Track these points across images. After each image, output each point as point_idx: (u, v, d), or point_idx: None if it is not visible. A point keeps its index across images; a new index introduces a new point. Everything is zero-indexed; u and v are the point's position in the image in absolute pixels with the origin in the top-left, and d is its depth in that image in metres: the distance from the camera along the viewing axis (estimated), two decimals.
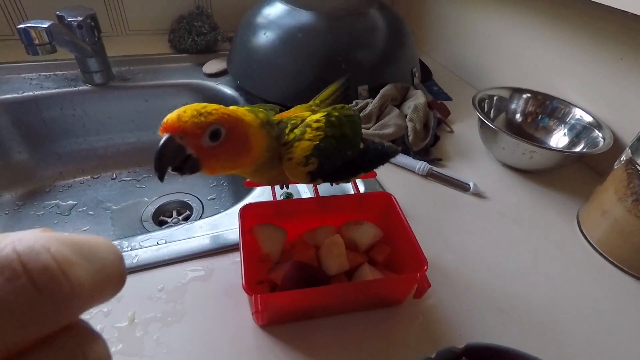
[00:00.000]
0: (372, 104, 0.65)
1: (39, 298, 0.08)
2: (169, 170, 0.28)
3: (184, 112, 0.27)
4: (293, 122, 0.35)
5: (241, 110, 0.32)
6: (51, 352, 0.09)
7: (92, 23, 0.67)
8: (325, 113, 0.37)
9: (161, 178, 0.27)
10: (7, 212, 0.70)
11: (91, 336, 0.11)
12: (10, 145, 0.73)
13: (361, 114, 0.65)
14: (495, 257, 0.49)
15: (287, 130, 0.35)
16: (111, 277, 0.11)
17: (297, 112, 0.39)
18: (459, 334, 0.39)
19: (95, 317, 0.37)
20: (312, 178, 0.34)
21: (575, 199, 0.59)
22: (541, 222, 0.55)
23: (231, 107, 0.31)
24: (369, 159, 0.38)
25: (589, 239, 0.52)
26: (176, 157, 0.27)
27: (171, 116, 0.27)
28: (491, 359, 0.30)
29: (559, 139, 0.66)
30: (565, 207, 0.58)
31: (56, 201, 0.73)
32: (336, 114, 0.37)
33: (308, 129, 0.34)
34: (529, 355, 0.29)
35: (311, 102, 0.46)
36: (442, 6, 0.96)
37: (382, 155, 0.39)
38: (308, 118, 0.36)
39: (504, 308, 0.42)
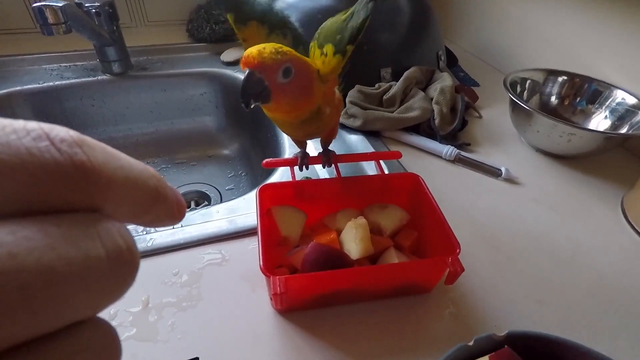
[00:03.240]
0: (396, 86, 0.62)
1: (61, 159, 0.09)
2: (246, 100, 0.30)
3: (264, 48, 0.29)
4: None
5: (306, 58, 0.33)
6: (65, 218, 0.09)
7: (110, 10, 0.67)
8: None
9: (247, 107, 0.30)
10: None
11: (111, 220, 0.10)
12: None
13: (384, 97, 0.62)
14: (532, 245, 0.45)
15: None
16: (138, 179, 0.11)
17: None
18: (494, 325, 0.36)
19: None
20: (342, 72, 0.36)
21: (619, 185, 0.55)
22: (581, 210, 0.51)
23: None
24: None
25: (636, 227, 0.48)
26: (257, 88, 0.30)
27: (252, 51, 0.29)
28: (536, 349, 0.26)
29: (598, 122, 0.61)
30: (607, 195, 0.53)
31: None
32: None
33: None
34: (579, 345, 0.26)
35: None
36: None
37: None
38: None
39: (543, 299, 0.39)
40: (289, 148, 0.59)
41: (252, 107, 0.30)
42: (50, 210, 0.09)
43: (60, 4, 0.53)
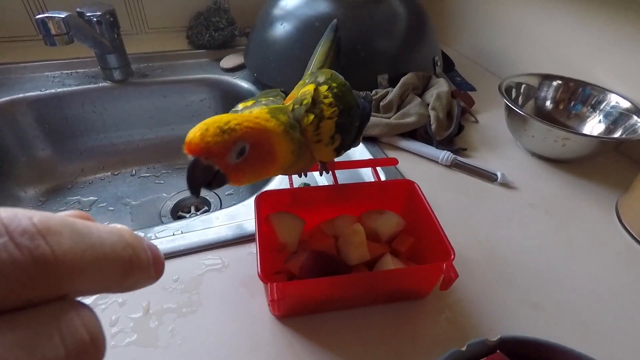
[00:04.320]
0: (393, 92, 0.62)
1: (19, 257, 0.08)
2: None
3: (207, 130, 0.26)
4: (305, 102, 0.34)
5: (263, 116, 0.30)
6: (20, 319, 0.09)
7: (111, 19, 0.68)
8: (327, 87, 0.35)
9: (196, 195, 0.28)
10: (30, 208, 0.71)
11: (76, 308, 0.10)
12: (34, 142, 0.75)
13: (381, 103, 0.62)
14: (527, 249, 0.45)
15: (304, 115, 0.33)
16: (109, 256, 0.10)
17: (299, 90, 0.37)
18: (489, 329, 0.36)
19: (109, 307, 0.36)
20: (337, 153, 0.35)
21: (613, 189, 0.55)
22: (576, 213, 0.51)
23: (253, 113, 0.30)
24: (365, 114, 0.40)
25: (630, 231, 0.48)
26: (205, 176, 0.27)
27: (194, 136, 0.26)
28: (528, 354, 0.27)
29: (593, 126, 0.62)
30: (602, 198, 0.54)
31: (77, 197, 0.74)
32: (335, 84, 0.36)
33: (323, 106, 0.34)
34: (571, 350, 0.26)
35: (305, 76, 0.42)
36: None
37: (369, 102, 0.41)
38: (314, 92, 0.35)
39: (538, 303, 0.39)
40: None
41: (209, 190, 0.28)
42: (7, 309, 0.09)
43: (62, 15, 0.54)
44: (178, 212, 0.74)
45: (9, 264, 0.08)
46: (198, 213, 0.74)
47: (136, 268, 0.12)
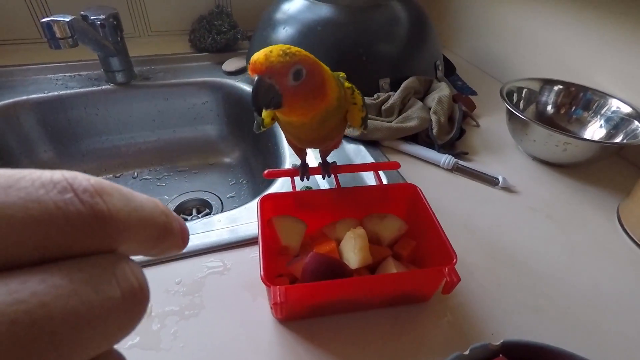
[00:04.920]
0: (395, 96, 0.63)
1: (83, 210, 0.10)
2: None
3: (270, 52, 0.28)
4: (342, 75, 0.38)
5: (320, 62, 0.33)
6: (86, 263, 0.10)
7: (115, 22, 0.68)
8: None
9: (259, 113, 0.31)
10: None
11: (126, 260, 0.11)
12: (36, 144, 0.75)
13: (383, 107, 0.63)
14: (529, 253, 0.45)
15: (346, 82, 0.37)
16: (149, 220, 0.12)
17: None
18: (491, 333, 0.37)
19: None
20: (362, 122, 0.38)
21: (614, 194, 0.55)
22: (577, 217, 0.51)
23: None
24: None
25: (632, 235, 0.48)
26: (268, 94, 0.29)
27: (259, 57, 0.28)
28: (531, 358, 0.27)
29: (594, 131, 0.62)
30: (603, 203, 0.54)
31: None
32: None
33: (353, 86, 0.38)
34: (573, 354, 0.26)
35: None
36: (465, 0, 0.93)
37: None
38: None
39: (540, 307, 0.39)
40: (289, 157, 0.60)
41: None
42: (73, 255, 0.10)
43: (67, 19, 0.54)
44: (180, 215, 0.74)
45: (76, 215, 0.10)
46: (200, 215, 0.74)
47: (169, 234, 0.13)
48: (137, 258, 0.15)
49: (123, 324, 0.10)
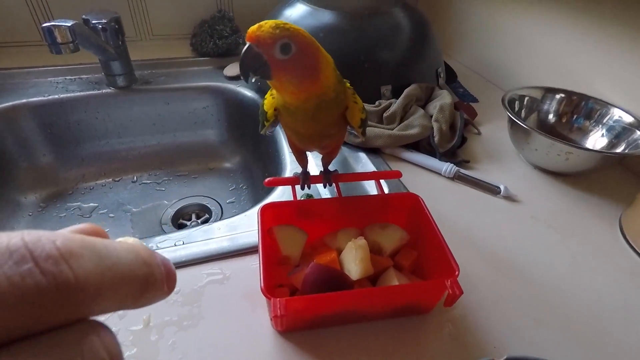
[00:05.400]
0: (396, 103, 0.62)
1: (44, 282, 0.09)
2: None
3: (265, 23, 0.29)
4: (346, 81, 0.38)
5: (321, 48, 0.33)
6: (44, 343, 0.09)
7: (117, 26, 0.68)
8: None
9: (245, 79, 0.31)
10: (30, 214, 0.70)
11: (97, 331, 0.10)
12: (36, 147, 0.75)
13: (384, 114, 0.63)
14: (531, 264, 0.45)
15: (347, 82, 0.38)
16: (128, 276, 0.11)
17: None
18: (493, 347, 0.36)
19: (109, 319, 0.36)
20: (361, 124, 0.38)
21: (616, 203, 0.55)
22: (579, 227, 0.51)
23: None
24: None
25: (634, 246, 0.48)
26: (253, 62, 0.30)
27: (253, 27, 0.30)
28: None
29: (596, 140, 0.62)
30: (605, 212, 0.54)
31: (78, 203, 0.74)
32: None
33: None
34: None
35: None
36: (467, 7, 0.93)
37: None
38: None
39: (542, 319, 0.39)
40: (290, 164, 0.60)
41: (254, 80, 0.31)
42: (32, 333, 0.09)
43: (69, 24, 0.54)
44: (179, 220, 0.74)
45: (35, 290, 0.09)
46: (199, 221, 0.73)
47: (151, 286, 0.12)
48: None
49: None
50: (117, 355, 0.11)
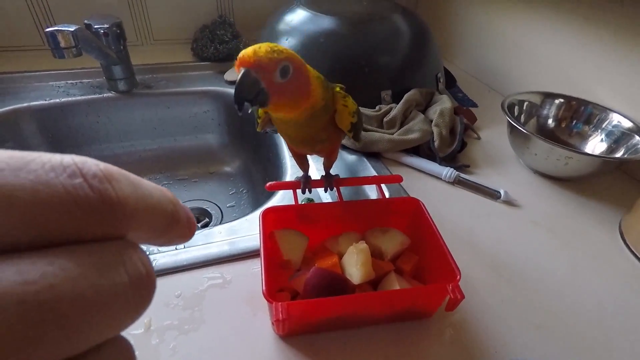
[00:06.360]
0: (396, 108, 0.63)
1: (92, 195, 0.10)
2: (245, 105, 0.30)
3: (259, 48, 0.29)
4: (338, 85, 0.38)
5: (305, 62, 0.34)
6: (94, 248, 0.10)
7: (118, 31, 0.69)
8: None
9: (240, 109, 0.29)
10: None
11: (134, 247, 0.11)
12: (36, 151, 0.74)
13: (385, 119, 0.63)
14: (531, 269, 0.45)
15: (337, 86, 0.38)
16: (157, 207, 0.12)
17: None
18: (494, 351, 0.36)
19: None
20: (351, 128, 0.38)
21: (616, 208, 0.55)
22: (579, 232, 0.51)
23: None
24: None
25: (634, 250, 0.48)
26: (252, 89, 0.29)
27: (247, 51, 0.29)
28: None
29: (595, 145, 0.62)
30: (605, 217, 0.54)
31: None
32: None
33: (348, 96, 0.38)
34: None
35: None
36: (466, 12, 0.94)
37: None
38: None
39: (543, 324, 0.39)
40: (290, 168, 0.60)
41: (249, 111, 0.30)
42: (82, 240, 0.10)
43: (72, 29, 0.55)
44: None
45: (85, 200, 0.10)
46: (199, 225, 0.73)
47: (176, 222, 0.13)
48: None
49: (130, 310, 0.10)
50: (151, 269, 0.11)
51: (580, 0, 0.66)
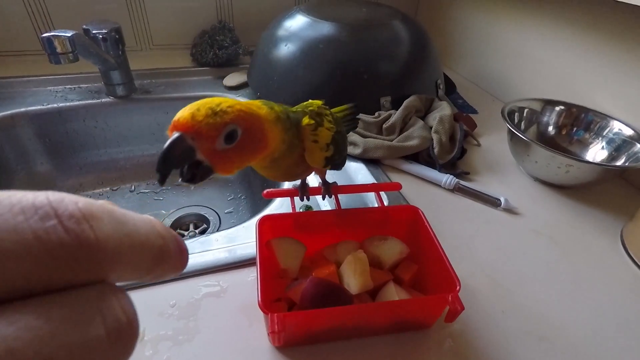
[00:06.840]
0: (396, 115, 0.62)
1: (67, 239, 0.09)
2: (179, 181, 0.26)
3: (198, 110, 0.24)
4: (310, 108, 0.36)
5: (256, 104, 0.29)
6: (67, 299, 0.09)
7: (117, 36, 0.68)
8: (328, 111, 0.38)
9: (162, 181, 0.24)
10: None
11: (114, 292, 0.10)
12: (33, 156, 0.74)
13: (384, 126, 0.62)
14: (532, 278, 0.45)
15: (304, 115, 0.34)
16: (144, 245, 0.11)
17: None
18: None
19: None
20: (326, 163, 0.35)
21: (618, 216, 0.55)
22: (580, 241, 0.51)
23: (245, 102, 0.29)
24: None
25: (636, 260, 0.47)
26: (183, 159, 0.24)
27: (183, 114, 0.24)
28: None
29: (596, 152, 0.62)
30: (606, 226, 0.53)
31: None
32: (328, 112, 0.38)
33: (325, 118, 0.35)
34: None
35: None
36: (466, 19, 0.94)
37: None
38: (321, 107, 0.37)
39: (545, 336, 0.38)
40: None
41: (191, 185, 0.25)
42: (53, 288, 0.09)
43: (69, 34, 0.54)
44: (177, 230, 0.73)
45: (59, 245, 0.09)
46: (197, 231, 0.73)
47: (166, 257, 0.12)
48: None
49: None
50: (133, 316, 0.11)
51: (580, 7, 0.66)
